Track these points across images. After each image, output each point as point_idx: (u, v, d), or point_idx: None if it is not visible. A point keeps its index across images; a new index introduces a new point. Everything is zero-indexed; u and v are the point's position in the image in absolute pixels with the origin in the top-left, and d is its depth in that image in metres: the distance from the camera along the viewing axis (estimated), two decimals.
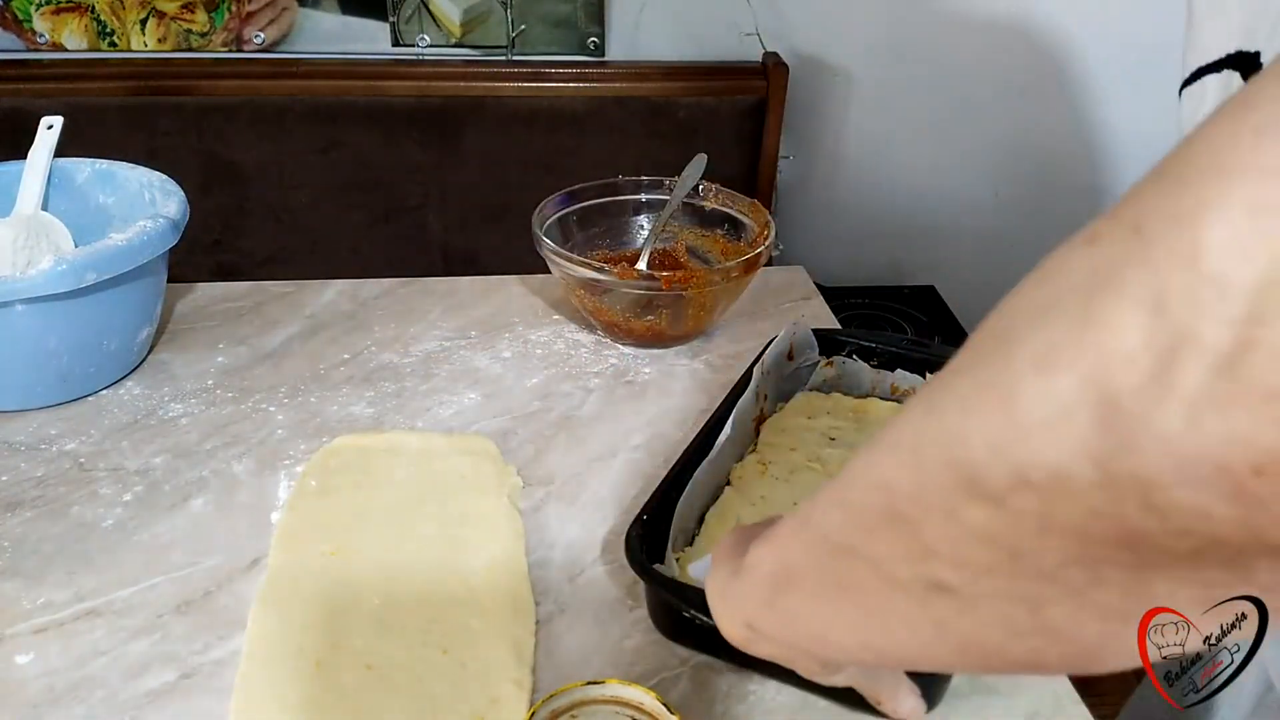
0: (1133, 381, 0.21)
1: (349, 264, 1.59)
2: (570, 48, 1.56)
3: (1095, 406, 0.22)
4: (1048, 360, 0.23)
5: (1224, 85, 0.47)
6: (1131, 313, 0.21)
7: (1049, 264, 0.25)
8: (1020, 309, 0.25)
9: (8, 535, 0.67)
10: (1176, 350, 0.20)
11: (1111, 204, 0.24)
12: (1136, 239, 0.22)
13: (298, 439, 0.78)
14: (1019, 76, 1.59)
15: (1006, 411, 0.24)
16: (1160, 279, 0.21)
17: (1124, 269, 0.22)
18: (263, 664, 0.57)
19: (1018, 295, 0.25)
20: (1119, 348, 0.21)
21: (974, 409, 0.25)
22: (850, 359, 0.80)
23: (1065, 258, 0.24)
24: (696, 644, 0.59)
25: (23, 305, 0.73)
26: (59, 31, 1.51)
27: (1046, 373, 0.23)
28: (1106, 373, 0.21)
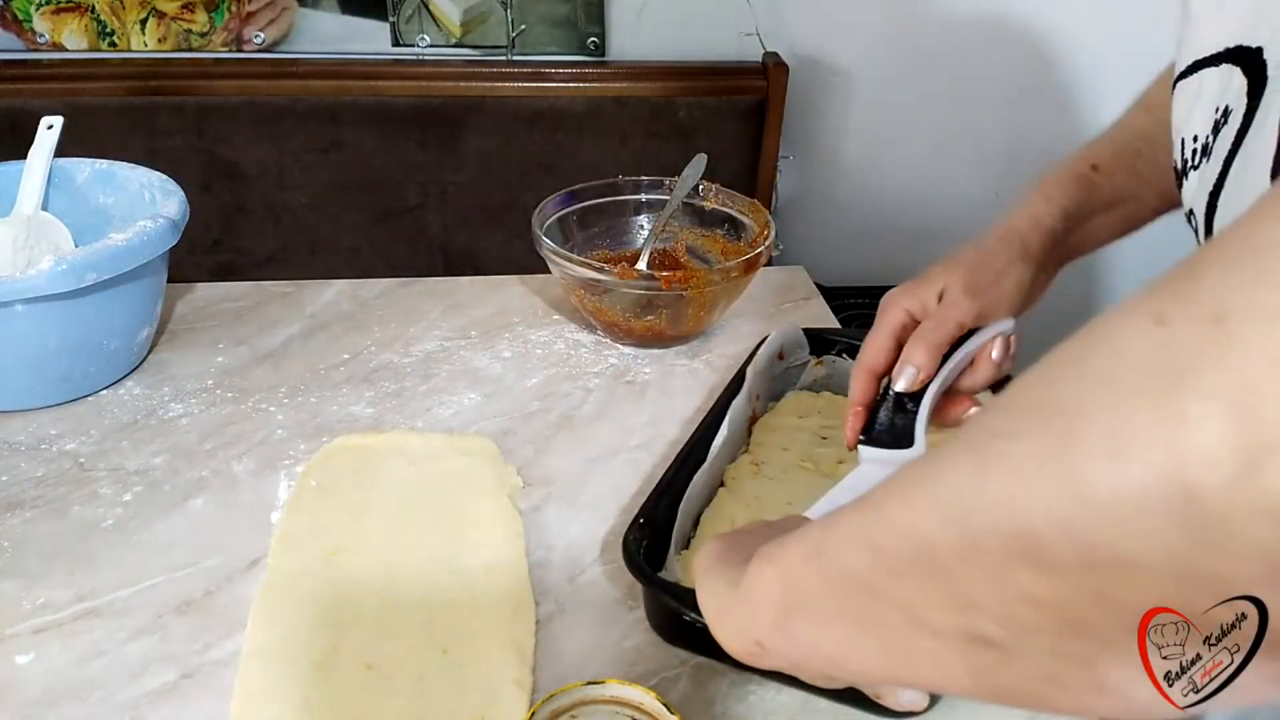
0: (1217, 482, 0.21)
1: (349, 264, 1.59)
2: (570, 48, 1.56)
3: (1175, 503, 0.21)
4: (1123, 448, 0.22)
5: (1223, 79, 0.46)
6: (1215, 411, 0.21)
7: (1109, 334, 0.24)
8: (1082, 380, 0.24)
9: (8, 535, 0.67)
10: (1265, 454, 0.20)
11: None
12: (1218, 331, 0.21)
13: (298, 439, 0.78)
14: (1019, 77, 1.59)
15: (1075, 492, 0.23)
16: (1246, 379, 0.20)
17: (1204, 362, 0.21)
18: (263, 664, 0.57)
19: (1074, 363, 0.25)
20: (1201, 446, 0.21)
21: (1036, 482, 0.24)
22: (840, 358, 0.80)
23: (1130, 334, 0.23)
24: (695, 647, 0.59)
25: (23, 305, 0.73)
26: (59, 31, 1.51)
27: (1122, 460, 0.22)
28: (1188, 470, 0.21)
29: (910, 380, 0.59)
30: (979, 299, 0.60)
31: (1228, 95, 0.45)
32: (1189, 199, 0.49)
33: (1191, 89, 0.49)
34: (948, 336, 0.59)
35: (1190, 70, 0.50)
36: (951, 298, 0.60)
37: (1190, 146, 0.49)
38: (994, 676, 0.28)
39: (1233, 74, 0.45)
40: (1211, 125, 0.47)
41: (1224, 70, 0.46)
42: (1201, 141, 0.48)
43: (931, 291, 0.62)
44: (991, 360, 0.60)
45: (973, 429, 0.28)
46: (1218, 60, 0.47)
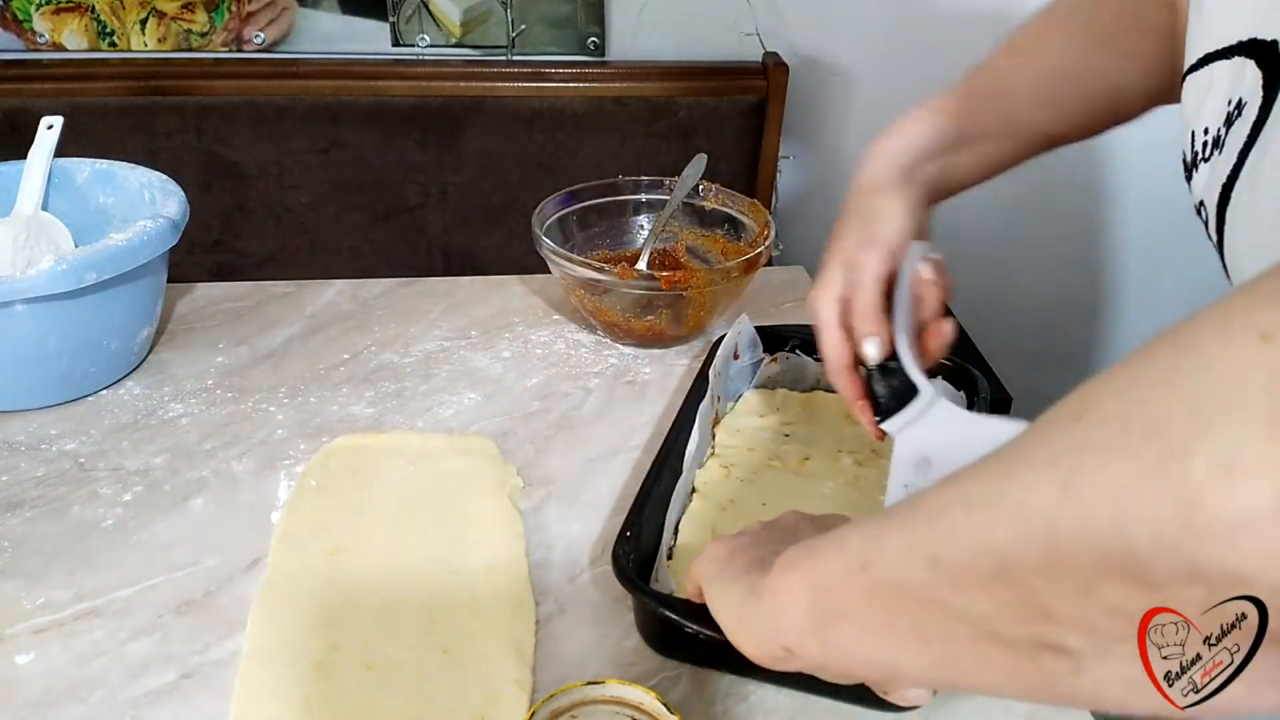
0: None
1: (349, 264, 1.59)
2: (570, 48, 1.56)
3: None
4: (1235, 467, 0.22)
5: (1236, 71, 0.46)
6: None
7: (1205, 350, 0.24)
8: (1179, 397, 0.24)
9: (8, 535, 0.67)
10: None
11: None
12: None
13: (298, 439, 0.78)
14: None
15: (1183, 512, 0.23)
16: None
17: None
18: (263, 664, 0.57)
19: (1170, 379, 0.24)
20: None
21: (1135, 500, 0.24)
22: (794, 354, 0.81)
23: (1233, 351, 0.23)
24: (687, 656, 0.58)
25: (23, 305, 0.73)
26: (59, 31, 1.51)
27: (1234, 480, 0.22)
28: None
29: (877, 348, 0.59)
30: (874, 248, 0.61)
31: (1241, 88, 0.45)
32: (1199, 191, 0.49)
33: (1202, 81, 0.49)
34: (874, 294, 0.60)
35: (1201, 63, 0.49)
36: (854, 262, 0.61)
37: (1201, 139, 0.49)
38: (1066, 683, 0.28)
39: (1246, 66, 0.45)
40: (1224, 118, 0.46)
41: (1237, 63, 0.46)
42: (1213, 134, 0.47)
43: (838, 273, 0.63)
44: (927, 282, 0.61)
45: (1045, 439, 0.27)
46: (1230, 53, 0.46)
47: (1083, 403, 0.26)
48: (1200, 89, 0.49)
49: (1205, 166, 0.48)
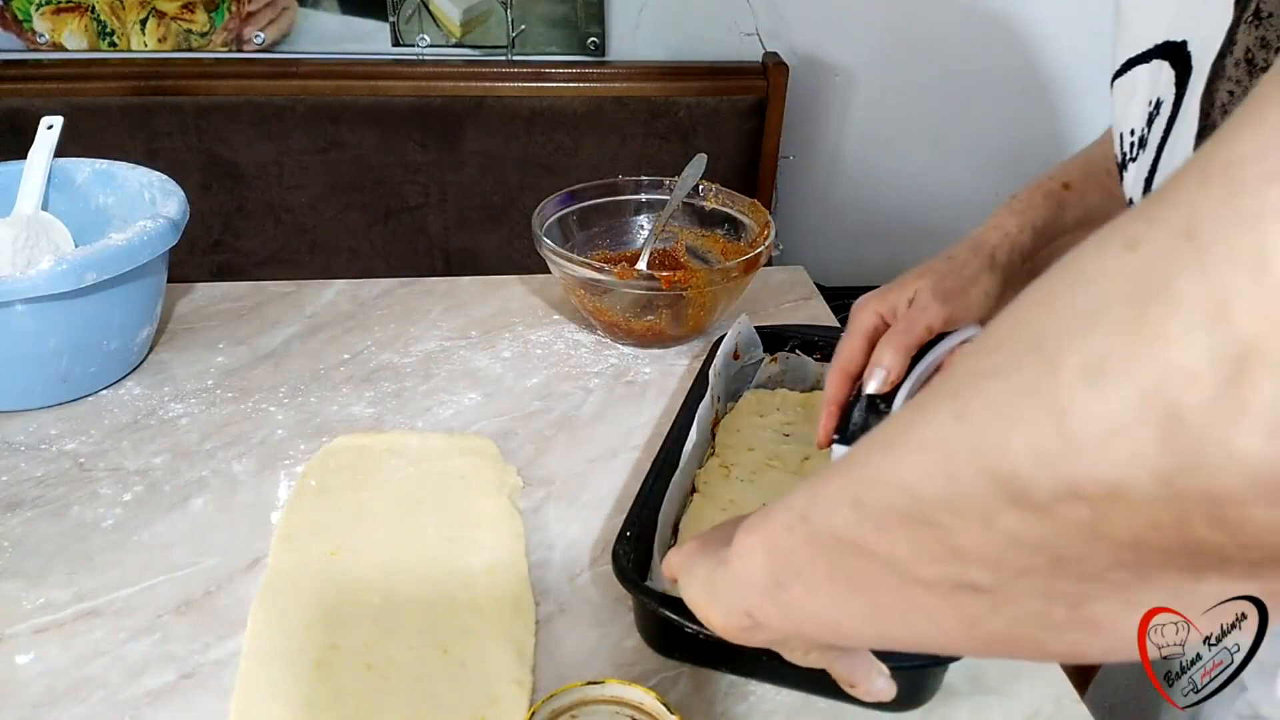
0: (1198, 396, 0.20)
1: (349, 264, 1.59)
2: (570, 48, 1.56)
3: (1157, 422, 0.21)
4: (1100, 373, 0.22)
5: (1154, 73, 0.48)
6: (1191, 324, 0.20)
7: (1082, 266, 0.24)
8: (1057, 313, 0.24)
9: (8, 535, 0.67)
10: (1246, 363, 0.19)
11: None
12: (1189, 245, 0.21)
13: (298, 439, 0.78)
14: (1019, 77, 1.59)
15: (1056, 424, 0.23)
16: (1222, 288, 0.20)
17: (1177, 277, 0.21)
18: (263, 664, 0.57)
19: (1049, 297, 0.25)
20: (1179, 361, 0.20)
21: (1016, 419, 0.24)
22: (794, 354, 0.81)
23: (1101, 261, 0.23)
24: (687, 656, 0.58)
25: (23, 305, 0.73)
26: (59, 31, 1.51)
27: (1100, 386, 0.22)
28: (1167, 387, 0.21)
29: (881, 381, 0.60)
30: (948, 304, 0.61)
31: (1159, 88, 0.47)
32: (1129, 189, 0.51)
33: (1127, 85, 0.51)
34: (917, 339, 0.61)
35: (1125, 68, 0.51)
36: (921, 302, 0.62)
37: (1129, 140, 0.51)
38: (985, 624, 0.28)
39: (1162, 68, 0.47)
40: (1146, 118, 0.48)
41: (1154, 66, 0.48)
42: (1139, 135, 0.49)
43: (903, 296, 0.63)
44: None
45: (952, 372, 0.27)
46: (1148, 57, 0.48)
47: (988, 329, 0.26)
48: (1125, 93, 0.51)
49: (1133, 166, 0.50)
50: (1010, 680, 0.57)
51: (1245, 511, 0.21)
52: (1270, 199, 0.20)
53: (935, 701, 0.56)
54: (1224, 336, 0.20)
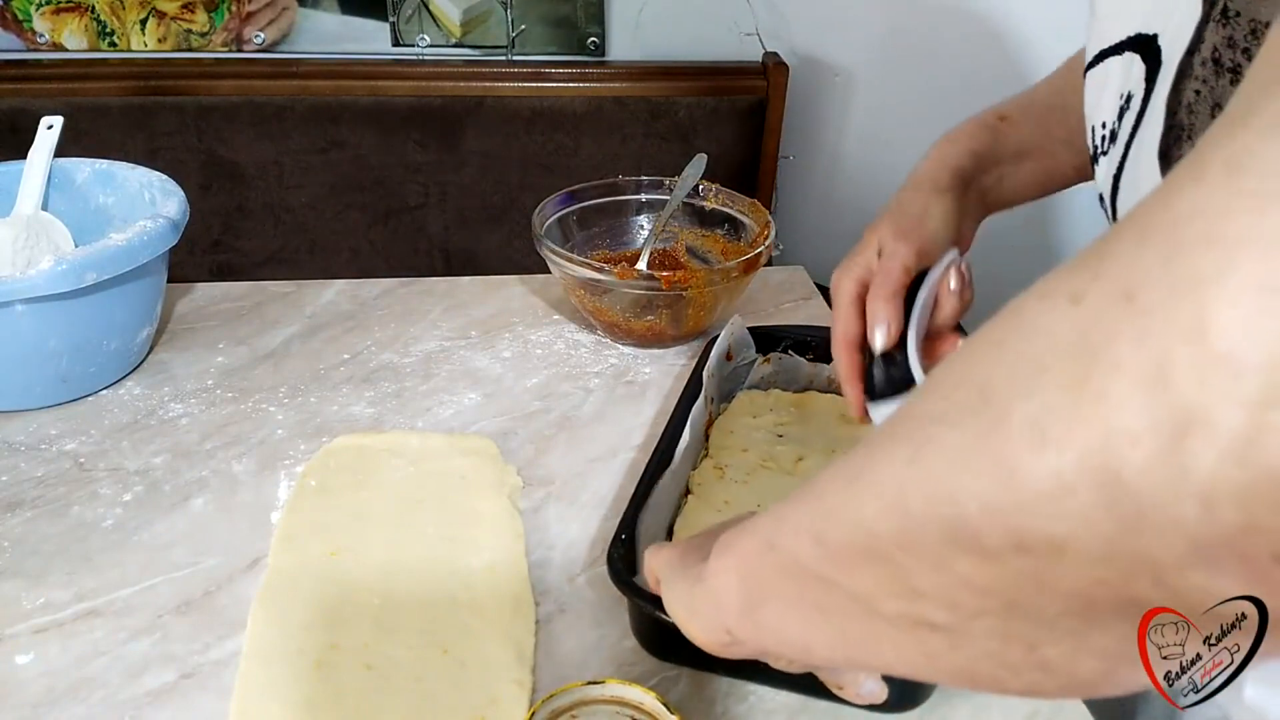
0: (1139, 461, 0.20)
1: (349, 264, 1.59)
2: (570, 48, 1.56)
3: (1099, 484, 0.21)
4: (1044, 431, 0.22)
5: (1125, 66, 0.48)
6: (1131, 388, 0.20)
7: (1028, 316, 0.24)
8: (1003, 364, 0.24)
9: (8, 535, 0.67)
10: (1186, 430, 0.19)
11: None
12: (1129, 307, 0.21)
13: (298, 439, 0.78)
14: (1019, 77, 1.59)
15: (1003, 478, 0.23)
16: (1162, 354, 0.20)
17: (1118, 339, 0.21)
18: (263, 664, 0.57)
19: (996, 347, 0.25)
20: (1120, 424, 0.20)
21: (965, 469, 0.24)
22: (786, 354, 0.81)
23: (1047, 315, 0.23)
24: (683, 658, 0.58)
25: (23, 305, 0.73)
26: (59, 31, 1.51)
27: (1044, 444, 0.22)
28: (1109, 449, 0.21)
29: (885, 335, 0.60)
30: (911, 241, 0.62)
31: (1130, 82, 0.47)
32: (1100, 183, 0.51)
33: (1099, 78, 0.51)
34: (897, 283, 0.61)
35: (1097, 60, 0.51)
36: (888, 249, 0.62)
37: (1100, 133, 0.51)
38: (944, 659, 0.28)
39: (1133, 61, 0.47)
40: (1117, 111, 0.49)
41: (1126, 58, 0.48)
42: (1110, 128, 0.49)
43: (869, 254, 0.64)
44: (951, 292, 0.61)
45: (905, 413, 0.27)
46: (1120, 49, 0.48)
47: (939, 372, 0.27)
48: (1097, 86, 0.51)
49: (1104, 159, 0.50)
50: None
51: (1184, 575, 0.21)
52: (1208, 263, 0.20)
53: (935, 701, 0.56)
54: (1164, 402, 0.20)
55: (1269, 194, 0.19)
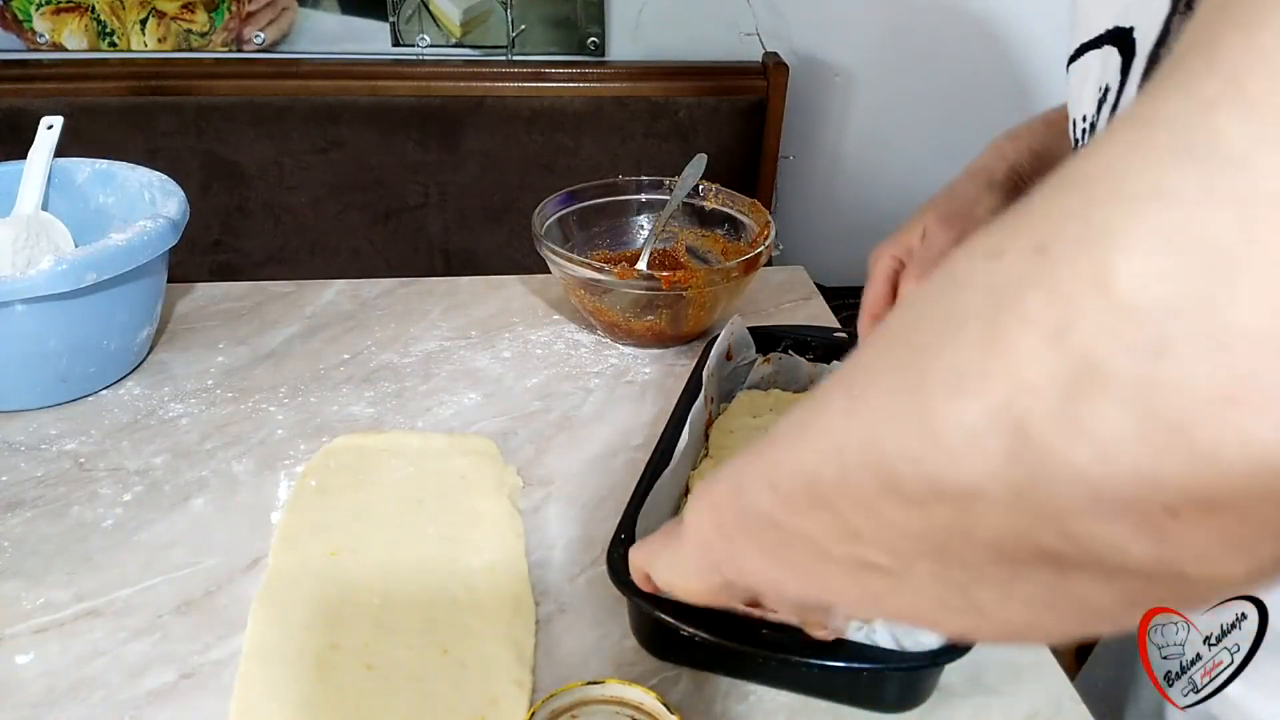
0: (1041, 411, 0.21)
1: (349, 264, 1.59)
2: (570, 48, 1.56)
3: (1006, 434, 0.22)
4: (958, 384, 0.23)
5: (1103, 60, 0.48)
6: (1037, 340, 0.21)
7: (954, 270, 0.25)
8: (929, 316, 0.25)
9: (8, 535, 0.67)
10: (1085, 382, 0.20)
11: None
12: (1040, 260, 0.21)
13: (298, 439, 0.78)
14: (1019, 77, 1.59)
15: (922, 428, 0.24)
16: (1064, 305, 0.20)
17: (1027, 291, 0.21)
18: (263, 664, 0.57)
19: (924, 299, 0.25)
20: (1026, 376, 0.21)
21: (890, 419, 0.25)
22: (786, 354, 0.80)
23: (969, 268, 0.24)
24: (682, 659, 0.58)
25: (23, 305, 0.73)
26: (59, 31, 1.51)
27: (957, 396, 0.23)
28: (1014, 401, 0.21)
29: None
30: (953, 228, 0.63)
31: (1107, 74, 0.48)
32: None
33: (1080, 71, 0.52)
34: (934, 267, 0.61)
35: (1078, 54, 0.52)
36: (930, 232, 0.63)
37: (1080, 126, 0.52)
38: (889, 600, 0.29)
39: (1111, 54, 0.48)
40: (1096, 104, 0.50)
41: (1105, 51, 0.49)
42: (1089, 120, 0.50)
43: (914, 234, 0.65)
44: None
45: (848, 365, 0.28)
46: (1100, 43, 0.49)
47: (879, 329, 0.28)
48: (1079, 79, 0.52)
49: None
50: (1010, 680, 0.57)
51: (1084, 525, 0.21)
52: (1114, 217, 0.20)
53: (935, 701, 0.56)
54: (1065, 353, 0.20)
55: (1173, 149, 0.20)
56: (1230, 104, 0.19)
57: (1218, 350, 0.18)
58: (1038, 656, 0.58)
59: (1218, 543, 0.20)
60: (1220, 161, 0.19)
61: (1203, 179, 0.19)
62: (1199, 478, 0.19)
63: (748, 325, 0.80)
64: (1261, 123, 0.18)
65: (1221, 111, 0.19)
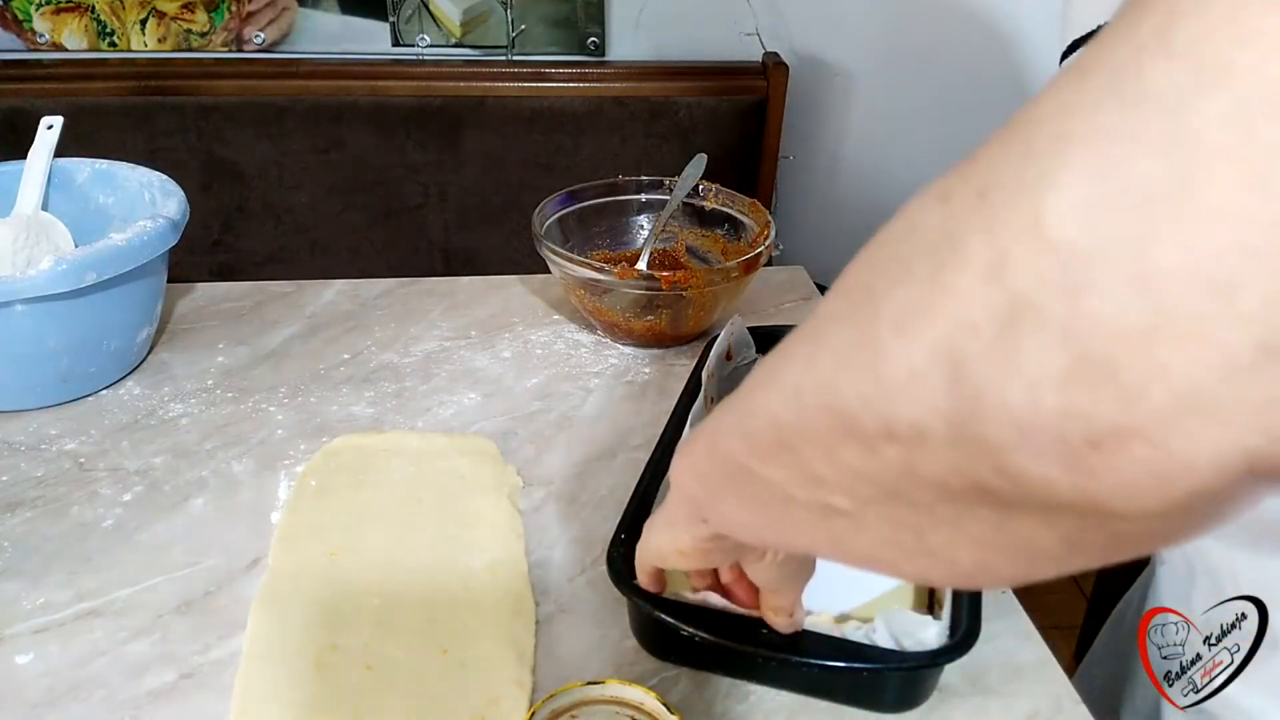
0: (978, 349, 0.22)
1: (349, 264, 1.59)
2: (570, 48, 1.56)
3: (946, 371, 0.22)
4: (904, 323, 0.23)
5: None
6: (974, 279, 0.22)
7: (907, 215, 0.25)
8: (884, 260, 0.26)
9: (8, 535, 0.67)
10: (1017, 318, 0.21)
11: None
12: (981, 203, 0.22)
13: (298, 439, 0.78)
14: (1019, 77, 1.59)
15: (873, 368, 0.24)
16: (1001, 246, 0.21)
17: (968, 234, 0.22)
18: (263, 664, 0.57)
19: (881, 244, 0.26)
20: (964, 314, 0.22)
21: (845, 362, 0.26)
22: None
23: (921, 213, 0.25)
24: (682, 659, 0.58)
25: (23, 305, 0.73)
26: (59, 31, 1.51)
27: (903, 335, 0.23)
28: (954, 338, 0.22)
29: None
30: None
31: None
32: None
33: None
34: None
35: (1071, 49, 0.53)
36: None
37: None
38: (850, 543, 0.30)
39: None
40: None
41: None
42: None
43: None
44: None
45: (813, 313, 0.29)
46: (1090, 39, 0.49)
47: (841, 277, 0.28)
48: None
49: None
50: (1010, 680, 0.57)
51: (1015, 460, 0.22)
52: (1050, 158, 0.21)
53: (935, 701, 0.56)
54: (999, 292, 0.21)
55: (1104, 92, 0.20)
56: (1157, 52, 0.19)
57: (1140, 287, 0.19)
58: (1038, 656, 0.59)
59: (1136, 474, 0.20)
60: (1148, 105, 0.19)
61: (1130, 121, 0.20)
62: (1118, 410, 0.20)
63: (748, 325, 0.80)
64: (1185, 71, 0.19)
65: (1149, 56, 0.20)
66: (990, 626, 0.55)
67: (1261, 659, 0.52)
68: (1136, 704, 0.65)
